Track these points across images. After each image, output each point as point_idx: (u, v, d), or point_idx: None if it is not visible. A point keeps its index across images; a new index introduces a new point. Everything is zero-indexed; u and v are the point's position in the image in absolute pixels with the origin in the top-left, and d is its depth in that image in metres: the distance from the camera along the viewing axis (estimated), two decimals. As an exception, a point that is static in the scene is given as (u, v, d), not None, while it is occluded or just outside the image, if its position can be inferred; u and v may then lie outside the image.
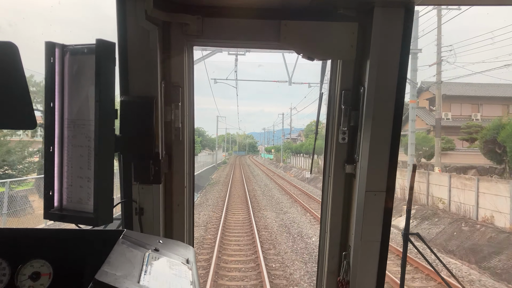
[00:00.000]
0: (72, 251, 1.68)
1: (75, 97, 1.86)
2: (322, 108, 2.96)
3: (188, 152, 2.61)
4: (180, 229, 2.64)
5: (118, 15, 2.25)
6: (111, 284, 1.21)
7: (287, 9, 2.40)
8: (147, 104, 2.27)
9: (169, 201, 2.60)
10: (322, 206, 2.84)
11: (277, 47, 2.54)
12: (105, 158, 1.80)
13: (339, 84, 2.56)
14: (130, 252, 1.51)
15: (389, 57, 2.32)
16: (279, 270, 12.71)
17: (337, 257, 2.76)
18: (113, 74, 1.82)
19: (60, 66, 1.85)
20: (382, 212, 2.49)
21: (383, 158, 2.43)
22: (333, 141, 2.65)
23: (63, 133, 1.88)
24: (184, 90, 2.50)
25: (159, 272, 1.46)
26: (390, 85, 2.35)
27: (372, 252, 2.56)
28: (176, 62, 2.46)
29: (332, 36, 2.43)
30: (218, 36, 2.44)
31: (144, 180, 2.37)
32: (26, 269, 1.62)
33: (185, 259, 1.67)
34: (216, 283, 11.71)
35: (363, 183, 2.46)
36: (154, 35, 2.29)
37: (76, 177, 1.87)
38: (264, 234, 17.55)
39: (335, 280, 2.77)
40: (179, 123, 2.50)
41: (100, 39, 1.76)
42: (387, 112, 2.38)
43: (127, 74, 2.33)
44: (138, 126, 2.23)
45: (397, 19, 2.28)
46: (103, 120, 1.77)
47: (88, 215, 1.82)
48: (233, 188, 34.87)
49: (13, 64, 1.53)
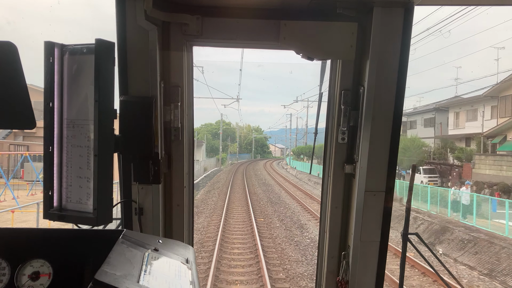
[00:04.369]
0: (71, 251, 1.67)
1: (74, 97, 1.86)
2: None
3: (187, 152, 2.61)
4: (179, 229, 2.64)
5: (118, 15, 2.25)
6: (111, 284, 1.21)
7: (286, 9, 2.40)
8: (146, 104, 2.27)
9: (169, 201, 2.60)
10: (322, 206, 2.84)
11: (276, 47, 2.54)
12: (105, 158, 1.80)
13: (339, 84, 2.56)
14: (130, 252, 1.51)
15: (388, 57, 2.32)
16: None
17: (336, 257, 2.76)
18: (112, 74, 1.82)
19: (59, 66, 1.85)
20: (382, 212, 2.50)
21: (383, 158, 2.43)
22: (332, 141, 2.65)
23: (63, 133, 1.88)
24: (183, 90, 2.50)
25: (158, 272, 1.46)
26: (389, 85, 2.36)
27: (371, 252, 2.56)
28: (175, 62, 2.46)
29: (331, 36, 2.43)
30: (218, 36, 2.44)
31: (143, 180, 2.37)
32: (26, 269, 1.62)
33: (184, 259, 1.67)
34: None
35: (362, 183, 2.46)
36: (153, 35, 2.29)
37: (76, 177, 1.87)
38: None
39: (334, 280, 2.77)
40: (179, 123, 2.50)
41: (100, 39, 1.76)
42: (387, 112, 2.38)
43: (127, 74, 2.33)
44: (137, 126, 2.23)
45: (397, 19, 2.28)
46: (103, 120, 1.77)
47: (88, 215, 1.82)
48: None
49: (12, 64, 1.52)
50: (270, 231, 19.09)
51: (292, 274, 12.93)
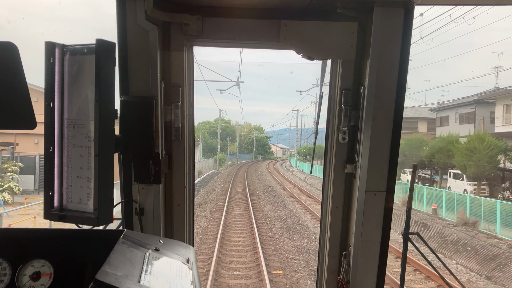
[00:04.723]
0: (72, 251, 1.67)
1: (75, 97, 1.86)
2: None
3: (188, 152, 2.61)
4: (180, 229, 2.64)
5: (118, 15, 2.25)
6: (112, 284, 1.21)
7: (287, 9, 2.40)
8: (147, 104, 2.27)
9: (169, 201, 2.60)
10: (322, 206, 2.84)
11: (277, 47, 2.54)
12: (105, 158, 1.80)
13: (339, 84, 2.56)
14: (131, 252, 1.51)
15: (389, 57, 2.32)
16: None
17: (337, 256, 2.76)
18: (113, 74, 1.82)
19: (60, 66, 1.85)
20: (382, 212, 2.50)
21: (384, 158, 2.43)
22: (333, 141, 2.65)
23: (63, 133, 1.88)
24: (184, 90, 2.50)
25: (159, 272, 1.46)
26: (390, 84, 2.36)
27: (372, 252, 2.56)
28: (176, 62, 2.46)
29: (332, 36, 2.43)
30: (218, 36, 2.44)
31: (144, 180, 2.37)
32: (27, 269, 1.62)
33: (185, 259, 1.67)
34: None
35: (363, 183, 2.46)
36: (154, 35, 2.29)
37: (76, 177, 1.87)
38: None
39: (335, 280, 2.77)
40: (179, 123, 2.50)
41: (100, 39, 1.76)
42: (387, 112, 2.38)
43: (127, 74, 2.33)
44: (138, 126, 2.23)
45: (397, 19, 2.28)
46: (103, 120, 1.77)
47: (89, 215, 1.82)
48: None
49: (13, 64, 1.53)
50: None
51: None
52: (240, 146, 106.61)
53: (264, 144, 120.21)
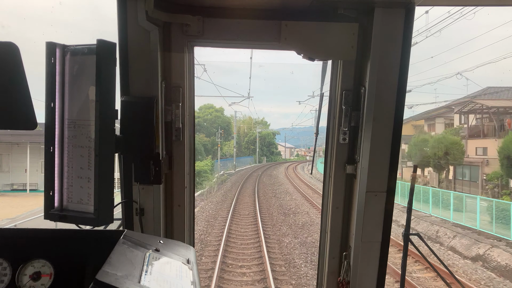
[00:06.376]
0: (73, 251, 1.67)
1: (75, 97, 1.86)
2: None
3: (188, 152, 2.61)
4: (180, 229, 2.64)
5: (119, 15, 2.25)
6: (112, 284, 1.21)
7: (287, 9, 2.40)
8: (147, 105, 2.27)
9: (170, 202, 2.60)
10: (323, 207, 2.84)
11: (277, 48, 2.54)
12: (106, 159, 1.80)
13: (340, 85, 2.56)
14: (131, 252, 1.51)
15: (389, 58, 2.32)
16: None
17: (337, 257, 2.76)
18: (113, 74, 1.82)
19: (61, 67, 1.85)
20: (383, 213, 2.49)
21: (384, 158, 2.43)
22: (333, 142, 2.65)
23: (64, 133, 1.88)
24: (184, 91, 2.50)
25: (159, 272, 1.46)
26: (391, 85, 2.36)
27: (372, 253, 2.56)
28: (176, 62, 2.46)
29: (332, 37, 2.43)
30: (219, 36, 2.44)
31: (144, 181, 2.37)
32: (27, 269, 1.62)
33: (185, 259, 1.67)
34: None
35: (363, 184, 2.46)
36: (154, 35, 2.29)
37: (77, 177, 1.87)
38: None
39: (335, 281, 2.77)
40: (180, 123, 2.50)
41: (101, 40, 1.76)
42: (388, 113, 2.38)
43: (128, 75, 2.33)
44: (138, 127, 2.23)
45: (398, 19, 2.28)
46: (104, 120, 1.77)
47: (89, 215, 1.82)
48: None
49: (14, 64, 1.53)
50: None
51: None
52: (239, 145, 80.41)
53: (270, 142, 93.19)
